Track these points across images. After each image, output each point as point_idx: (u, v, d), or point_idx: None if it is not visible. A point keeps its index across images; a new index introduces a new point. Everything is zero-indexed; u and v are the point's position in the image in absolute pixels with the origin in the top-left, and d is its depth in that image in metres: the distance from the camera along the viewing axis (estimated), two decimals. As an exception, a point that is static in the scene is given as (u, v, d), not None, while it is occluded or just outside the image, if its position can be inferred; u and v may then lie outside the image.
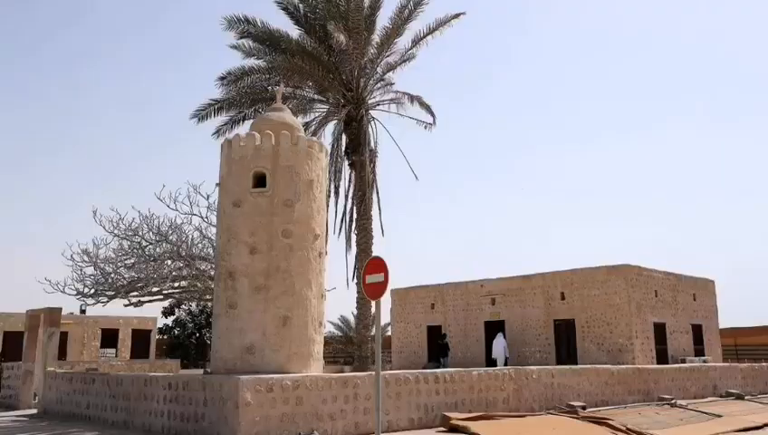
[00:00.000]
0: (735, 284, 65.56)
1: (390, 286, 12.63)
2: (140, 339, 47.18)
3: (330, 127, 29.65)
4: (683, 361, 30.32)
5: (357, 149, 29.11)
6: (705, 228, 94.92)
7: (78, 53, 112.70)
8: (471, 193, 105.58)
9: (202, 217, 24.56)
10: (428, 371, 16.40)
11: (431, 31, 29.73)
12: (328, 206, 20.63)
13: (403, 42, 30.07)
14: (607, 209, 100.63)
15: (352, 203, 29.53)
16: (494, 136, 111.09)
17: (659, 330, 31.53)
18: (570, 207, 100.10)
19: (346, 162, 29.69)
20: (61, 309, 22.43)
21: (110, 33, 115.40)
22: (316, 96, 30.28)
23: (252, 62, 28.97)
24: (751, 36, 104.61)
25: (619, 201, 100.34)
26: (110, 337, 46.21)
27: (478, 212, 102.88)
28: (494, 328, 33.92)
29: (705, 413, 18.90)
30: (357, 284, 27.62)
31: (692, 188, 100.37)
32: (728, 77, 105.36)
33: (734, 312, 66.38)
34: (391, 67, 30.46)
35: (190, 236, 24.78)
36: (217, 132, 29.10)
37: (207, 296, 24.94)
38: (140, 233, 24.89)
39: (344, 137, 29.37)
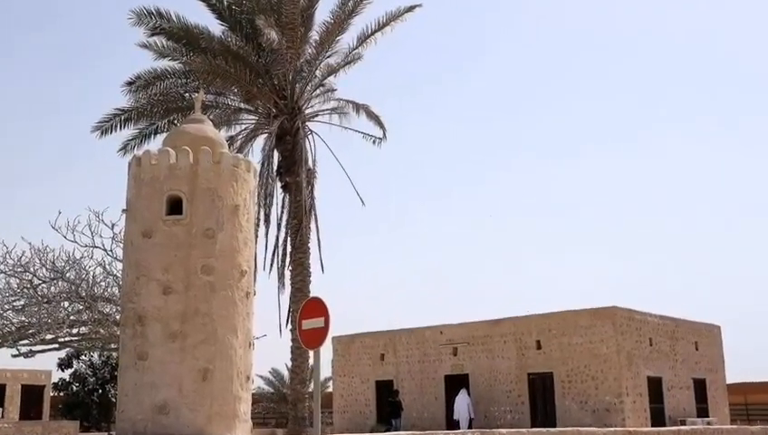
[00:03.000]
0: (746, 330, 66.27)
1: (332, 333, 12.89)
2: (32, 396, 46.94)
3: (259, 142, 29.93)
4: (683, 422, 30.61)
5: (292, 169, 29.25)
6: (709, 262, 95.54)
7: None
8: (428, 221, 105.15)
9: (106, 250, 24.69)
10: (377, 434, 16.65)
11: (381, 26, 30.09)
12: (257, 236, 20.86)
13: (347, 40, 30.55)
14: (590, 239, 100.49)
15: (286, 233, 29.63)
16: (455, 153, 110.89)
17: (655, 385, 31.80)
18: (546, 237, 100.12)
19: (279, 184, 29.78)
20: (-66, 361, 22.38)
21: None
22: (243, 105, 30.54)
23: (166, 63, 29.21)
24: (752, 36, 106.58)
25: (604, 229, 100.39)
26: (-6, 394, 45.91)
27: (437, 244, 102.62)
28: (456, 383, 34.00)
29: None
30: (292, 330, 27.69)
31: (691, 213, 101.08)
32: (730, 77, 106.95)
33: (744, 364, 67.13)
34: (333, 70, 30.76)
35: (91, 273, 24.89)
36: (124, 148, 29.16)
37: (112, 345, 25.02)
38: (31, 269, 24.92)
39: (276, 154, 29.53)
